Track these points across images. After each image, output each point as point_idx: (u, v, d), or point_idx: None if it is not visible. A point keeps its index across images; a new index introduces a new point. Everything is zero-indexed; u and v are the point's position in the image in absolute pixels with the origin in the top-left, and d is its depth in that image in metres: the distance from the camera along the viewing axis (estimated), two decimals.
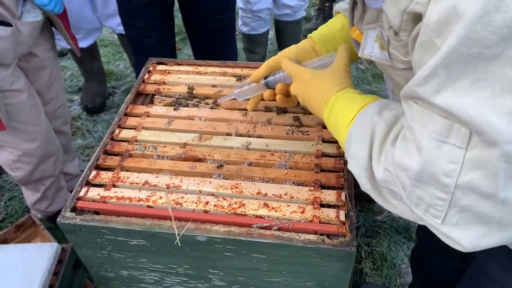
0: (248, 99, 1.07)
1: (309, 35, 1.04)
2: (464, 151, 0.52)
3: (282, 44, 2.66)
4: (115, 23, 2.43)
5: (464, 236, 0.58)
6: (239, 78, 1.27)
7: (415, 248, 1.47)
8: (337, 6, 1.03)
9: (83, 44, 2.40)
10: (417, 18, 0.57)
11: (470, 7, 0.46)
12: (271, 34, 3.04)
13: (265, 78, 1.01)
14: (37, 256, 1.42)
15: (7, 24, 1.32)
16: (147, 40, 1.82)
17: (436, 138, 0.54)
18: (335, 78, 0.83)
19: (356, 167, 0.72)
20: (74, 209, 0.95)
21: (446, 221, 0.58)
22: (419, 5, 0.54)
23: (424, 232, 1.34)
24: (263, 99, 1.05)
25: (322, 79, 0.85)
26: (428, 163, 0.56)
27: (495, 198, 0.52)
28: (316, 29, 3.48)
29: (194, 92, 1.23)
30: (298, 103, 0.96)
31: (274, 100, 1.00)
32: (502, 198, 0.52)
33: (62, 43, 2.24)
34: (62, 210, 0.94)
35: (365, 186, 0.72)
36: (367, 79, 2.81)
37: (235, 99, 1.07)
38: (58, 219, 0.92)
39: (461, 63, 0.49)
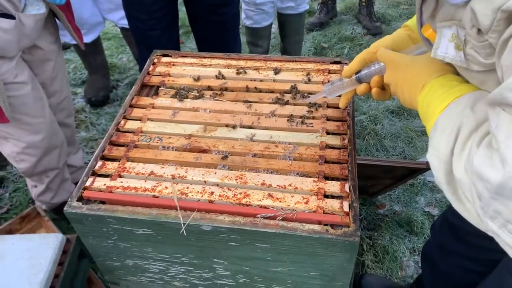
0: (339, 96, 1.05)
1: (404, 24, 1.01)
2: None
3: (285, 37, 2.66)
4: (118, 17, 2.43)
5: None
6: (240, 71, 1.27)
7: (427, 245, 1.46)
8: None
9: (87, 39, 2.40)
10: None
11: None
12: (274, 28, 3.04)
13: (357, 72, 0.97)
14: (42, 247, 1.43)
15: (10, 16, 1.32)
16: (151, 33, 1.83)
17: None
18: (435, 64, 0.78)
19: (435, 157, 0.68)
20: (80, 199, 0.96)
21: None
22: None
23: (441, 232, 1.34)
24: (355, 94, 1.01)
25: (421, 65, 0.80)
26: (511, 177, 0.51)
27: None
28: (319, 23, 3.46)
29: (199, 84, 1.24)
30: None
31: (369, 93, 0.97)
32: None
33: (65, 39, 2.24)
34: (69, 200, 0.95)
35: (440, 180, 0.67)
36: None
37: (325, 96, 1.04)
38: (65, 208, 0.93)
39: None
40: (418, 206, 2.01)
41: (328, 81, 1.21)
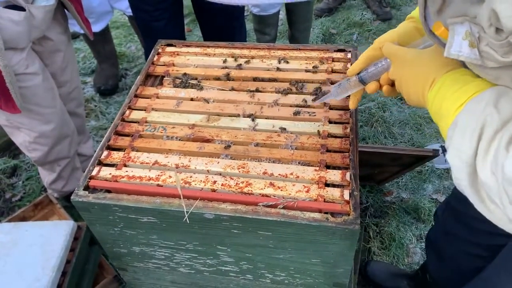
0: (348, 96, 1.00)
1: (409, 15, 0.96)
2: None
3: (293, 24, 2.64)
4: (125, 5, 2.44)
5: None
6: (243, 60, 1.28)
7: (432, 232, 1.46)
8: None
9: (96, 28, 2.42)
10: None
11: None
12: (282, 14, 3.01)
13: (365, 70, 0.93)
14: (54, 233, 1.48)
15: (21, 8, 1.34)
16: (156, 23, 1.83)
17: None
18: (443, 58, 0.72)
19: (457, 159, 0.63)
20: (87, 188, 0.98)
21: None
22: None
23: (444, 218, 1.35)
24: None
25: (428, 59, 0.76)
26: None
27: None
28: (328, 8, 3.40)
29: (203, 73, 1.25)
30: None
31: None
32: None
33: (75, 28, 2.26)
34: (76, 189, 0.97)
35: (462, 181, 0.63)
36: None
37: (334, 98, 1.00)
38: (72, 197, 0.96)
39: None
40: (426, 193, 2.01)
41: (332, 71, 1.21)
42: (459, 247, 1.29)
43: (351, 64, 1.21)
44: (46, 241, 1.45)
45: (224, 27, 1.91)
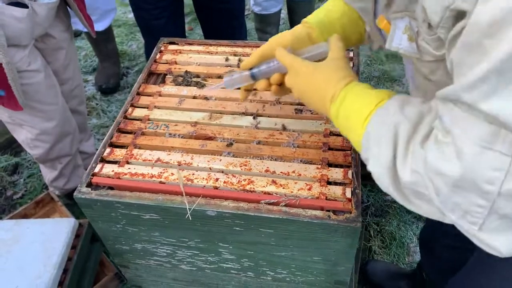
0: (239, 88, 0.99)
1: (305, 20, 0.96)
2: (510, 158, 0.51)
3: (294, 24, 2.64)
4: None
5: (502, 242, 0.57)
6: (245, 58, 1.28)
7: (423, 228, 1.49)
8: None
9: (99, 27, 2.41)
10: (460, 15, 0.54)
11: None
12: (284, 13, 3.01)
13: (257, 66, 0.93)
14: (56, 231, 1.48)
15: (24, 5, 1.35)
16: (157, 22, 1.83)
17: (479, 145, 0.52)
18: (339, 71, 0.78)
19: (377, 167, 0.68)
20: (89, 185, 0.99)
21: (484, 227, 0.57)
22: (466, 3, 0.51)
23: None
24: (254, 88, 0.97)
25: (325, 72, 0.79)
26: (469, 170, 0.53)
27: None
28: None
29: (205, 71, 1.25)
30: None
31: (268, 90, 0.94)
32: None
33: (77, 26, 2.26)
34: (79, 186, 0.98)
35: (388, 187, 0.68)
36: (381, 58, 2.78)
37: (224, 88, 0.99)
38: (74, 194, 0.96)
39: None
40: None
41: None
42: (446, 241, 1.31)
43: (352, 64, 1.22)
44: (48, 238, 1.46)
45: (224, 27, 1.92)
